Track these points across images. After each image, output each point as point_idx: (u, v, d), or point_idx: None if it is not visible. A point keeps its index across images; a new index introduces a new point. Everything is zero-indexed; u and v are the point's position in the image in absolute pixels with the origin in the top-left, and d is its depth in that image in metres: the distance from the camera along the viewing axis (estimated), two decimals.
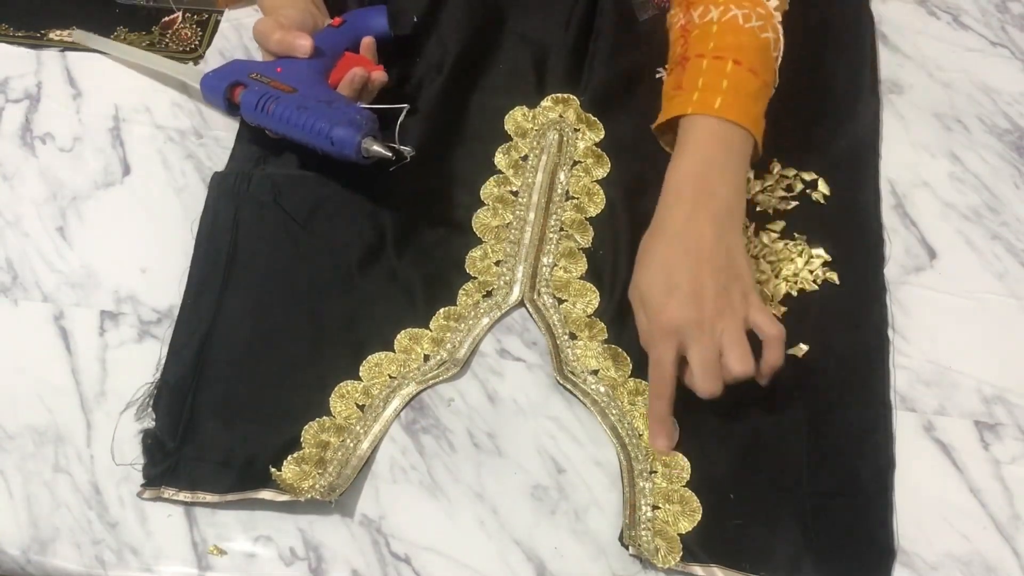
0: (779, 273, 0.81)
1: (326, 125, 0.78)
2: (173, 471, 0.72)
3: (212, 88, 0.86)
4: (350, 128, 0.78)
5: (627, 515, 0.70)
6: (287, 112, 0.80)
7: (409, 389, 0.76)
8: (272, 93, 0.82)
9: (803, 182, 0.86)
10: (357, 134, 0.77)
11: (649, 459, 0.73)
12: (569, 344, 0.78)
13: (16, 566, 0.70)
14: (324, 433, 0.74)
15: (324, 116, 0.79)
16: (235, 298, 0.80)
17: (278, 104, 0.81)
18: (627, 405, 0.75)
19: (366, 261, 0.82)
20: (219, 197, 0.85)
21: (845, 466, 0.72)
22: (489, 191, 0.86)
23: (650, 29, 0.93)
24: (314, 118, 0.79)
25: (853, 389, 0.76)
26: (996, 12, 1.00)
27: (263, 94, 0.82)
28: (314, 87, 0.83)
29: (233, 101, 0.85)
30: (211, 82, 0.86)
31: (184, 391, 0.75)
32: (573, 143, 0.88)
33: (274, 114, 0.81)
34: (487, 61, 0.94)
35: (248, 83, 0.84)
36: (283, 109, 0.81)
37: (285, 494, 0.70)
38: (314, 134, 0.79)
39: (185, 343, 0.78)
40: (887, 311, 0.80)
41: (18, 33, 0.98)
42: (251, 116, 0.83)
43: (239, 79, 0.85)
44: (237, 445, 0.73)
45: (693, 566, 0.68)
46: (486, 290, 0.81)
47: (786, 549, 0.69)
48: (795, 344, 0.77)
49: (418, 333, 0.79)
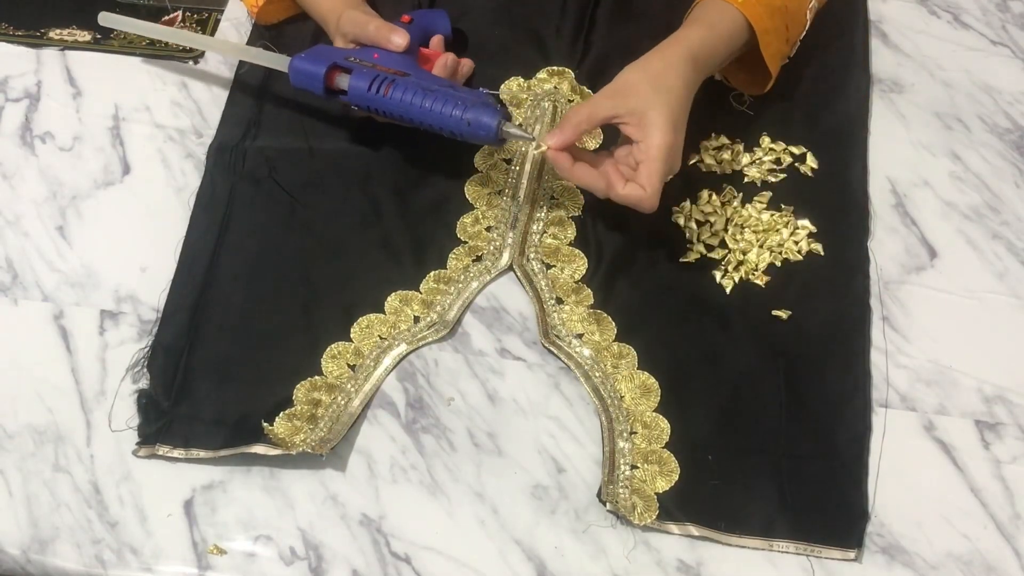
0: (764, 243, 0.83)
1: (460, 108, 0.77)
2: (168, 429, 0.74)
3: (307, 72, 0.82)
4: (487, 110, 0.77)
5: (606, 473, 0.71)
6: (410, 95, 0.78)
7: (399, 349, 0.78)
8: (386, 76, 0.80)
9: (792, 155, 0.87)
10: (496, 116, 0.76)
11: (630, 421, 0.74)
12: (556, 308, 0.79)
13: (16, 565, 0.70)
14: (316, 391, 0.76)
15: (454, 99, 0.78)
16: (228, 262, 0.82)
17: (396, 87, 0.79)
18: (610, 368, 0.76)
19: (358, 227, 0.84)
20: (216, 171, 0.87)
21: (822, 430, 0.74)
22: (482, 159, 0.88)
23: (646, 4, 0.95)
24: (443, 101, 0.78)
25: (833, 356, 0.77)
26: (997, 11, 0.99)
27: (375, 76, 0.80)
28: (421, 72, 0.82)
29: (331, 85, 0.82)
30: (304, 65, 0.82)
31: (178, 352, 0.77)
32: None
33: (393, 97, 0.79)
34: (485, 32, 0.95)
35: (352, 66, 0.82)
36: (403, 92, 0.79)
37: (277, 448, 0.71)
38: (445, 117, 0.77)
39: (179, 306, 0.80)
40: (870, 282, 0.81)
41: (18, 32, 0.98)
42: (362, 99, 0.80)
43: (338, 62, 0.82)
44: (230, 404, 0.75)
45: (669, 524, 0.70)
46: (476, 255, 0.83)
47: (762, 510, 0.71)
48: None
49: (408, 295, 0.81)
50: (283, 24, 0.97)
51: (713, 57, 0.80)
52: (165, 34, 0.92)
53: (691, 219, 0.84)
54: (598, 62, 0.93)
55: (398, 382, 0.77)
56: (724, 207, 0.85)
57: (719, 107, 0.90)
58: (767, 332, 0.78)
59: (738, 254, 0.82)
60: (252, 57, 0.89)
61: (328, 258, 0.82)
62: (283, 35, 0.96)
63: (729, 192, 0.85)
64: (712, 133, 0.88)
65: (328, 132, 0.90)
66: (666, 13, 0.87)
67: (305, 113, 0.90)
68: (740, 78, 0.89)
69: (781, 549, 0.69)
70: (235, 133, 0.89)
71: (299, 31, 0.96)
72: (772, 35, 0.82)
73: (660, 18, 0.87)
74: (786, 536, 0.70)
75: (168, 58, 0.95)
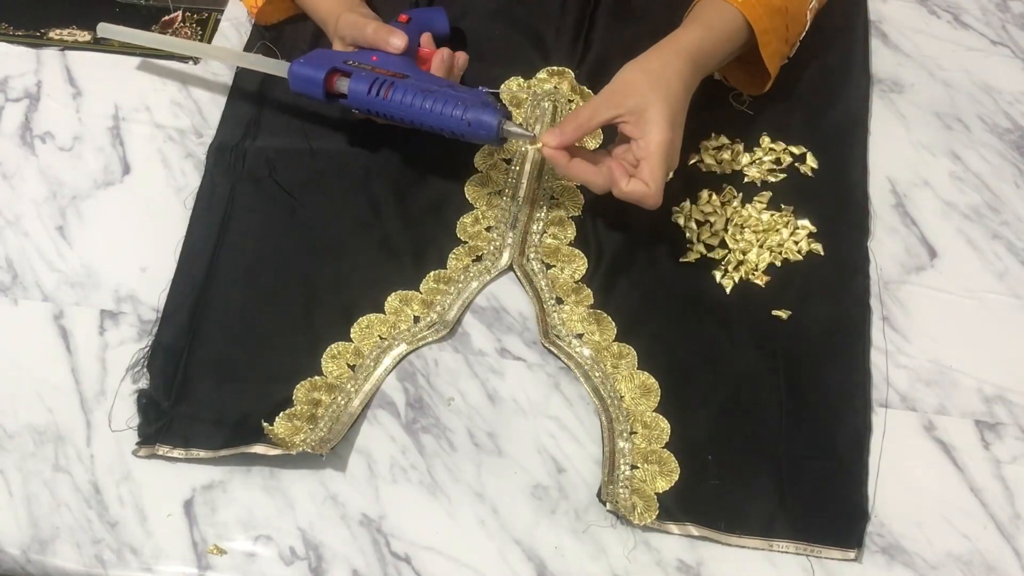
0: (764, 243, 0.83)
1: (460, 108, 0.77)
2: (167, 429, 0.74)
3: (306, 77, 0.82)
4: (487, 109, 0.76)
5: (606, 473, 0.71)
6: (409, 97, 0.78)
7: (399, 349, 0.78)
8: (385, 79, 0.80)
9: (792, 155, 0.88)
10: (496, 116, 0.76)
11: (629, 420, 0.74)
12: (556, 308, 0.80)
13: (16, 565, 0.70)
14: (316, 391, 0.76)
15: (454, 100, 0.77)
16: (228, 262, 0.82)
17: (396, 89, 0.79)
18: (610, 368, 0.77)
19: (358, 227, 0.84)
20: (216, 171, 0.87)
21: (822, 430, 0.74)
22: (482, 159, 0.88)
23: (646, 4, 0.95)
24: (442, 102, 0.77)
25: (833, 356, 0.77)
26: (997, 11, 0.99)
27: (375, 80, 0.80)
28: (420, 73, 0.82)
29: (331, 89, 0.82)
30: (304, 71, 0.82)
31: (178, 352, 0.77)
32: (566, 113, 0.90)
33: (392, 99, 0.79)
34: (485, 32, 0.95)
35: (351, 70, 0.81)
36: (403, 94, 0.78)
37: (277, 448, 0.71)
38: (445, 117, 0.77)
39: (179, 306, 0.80)
40: (870, 282, 0.81)
41: (18, 32, 0.98)
42: (362, 102, 0.80)
43: (337, 66, 0.82)
44: (230, 404, 0.75)
45: (669, 524, 0.70)
46: (476, 255, 0.83)
47: (762, 509, 0.71)
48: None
49: (408, 295, 0.81)
50: (283, 24, 0.97)
51: (712, 56, 0.80)
52: (164, 43, 0.92)
53: (691, 219, 0.84)
54: (598, 62, 0.93)
55: (398, 382, 0.77)
56: (724, 207, 0.85)
57: (719, 107, 0.90)
58: (767, 332, 0.78)
59: (738, 254, 0.82)
60: (251, 63, 0.89)
61: (328, 258, 0.82)
62: (283, 35, 0.96)
63: (729, 192, 0.85)
64: (712, 133, 0.88)
65: (328, 132, 0.90)
66: (666, 13, 0.87)
67: (305, 113, 0.90)
68: (739, 77, 0.89)
69: (781, 549, 0.69)
70: (235, 133, 0.89)
71: (299, 31, 0.96)
72: (771, 35, 0.82)
73: (660, 18, 0.87)
74: (786, 536, 0.70)
75: (168, 58, 0.95)
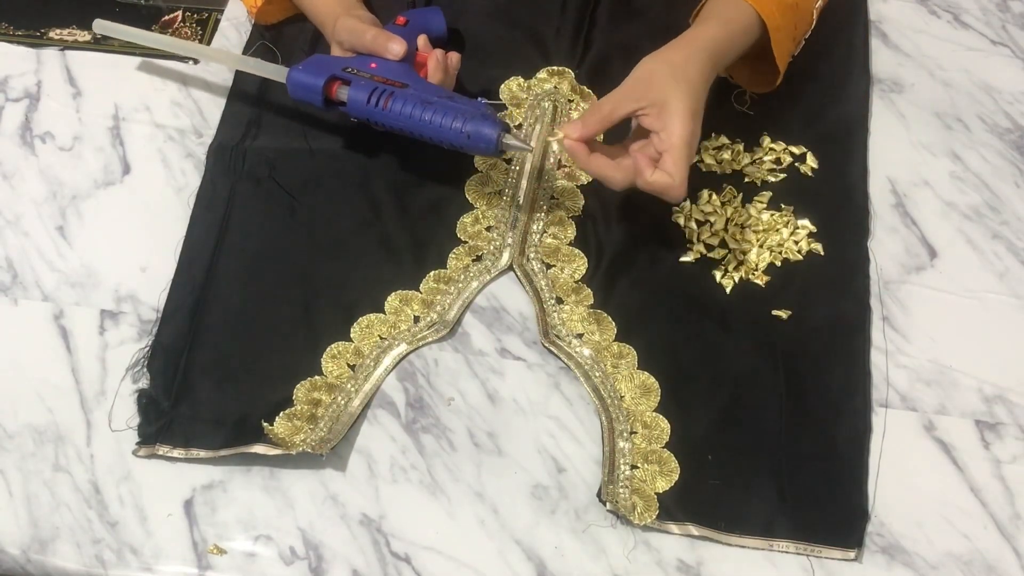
0: (765, 243, 0.83)
1: (460, 120, 0.77)
2: (167, 429, 0.74)
3: (305, 84, 0.81)
4: (487, 122, 0.76)
5: (606, 472, 0.71)
6: (409, 107, 0.78)
7: (400, 349, 0.78)
8: (385, 88, 0.79)
9: (792, 155, 0.88)
10: (496, 129, 0.76)
11: (630, 420, 0.74)
12: (556, 308, 0.80)
13: (16, 565, 0.70)
14: (316, 391, 0.76)
15: (453, 112, 0.77)
16: (228, 262, 0.82)
17: (395, 99, 0.78)
18: (610, 368, 0.77)
19: (358, 227, 0.84)
20: (216, 171, 0.87)
21: (822, 430, 0.74)
22: (482, 159, 0.88)
23: (646, 3, 0.95)
24: (442, 113, 0.77)
25: (833, 356, 0.77)
26: (997, 11, 0.99)
27: (374, 89, 0.79)
28: (419, 82, 0.82)
29: (331, 97, 0.82)
30: (303, 78, 0.81)
31: (178, 352, 0.77)
32: (566, 113, 0.91)
33: (392, 109, 0.78)
34: (484, 32, 0.95)
35: (350, 78, 0.81)
36: (403, 105, 0.78)
37: (277, 448, 0.71)
38: (445, 129, 0.77)
39: (179, 305, 0.80)
40: (870, 282, 0.81)
41: (18, 32, 0.98)
42: (361, 111, 0.80)
43: (336, 74, 0.82)
44: (230, 404, 0.75)
45: (669, 524, 0.70)
46: (476, 254, 0.83)
47: (762, 509, 0.71)
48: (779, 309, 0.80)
49: (408, 295, 0.81)
50: (283, 24, 0.97)
51: (727, 53, 0.80)
52: (161, 43, 0.92)
53: (691, 219, 0.84)
54: (598, 62, 0.93)
55: (398, 382, 0.77)
56: (724, 207, 0.85)
57: (719, 107, 0.90)
58: (767, 332, 0.78)
59: (738, 254, 0.82)
60: (250, 68, 0.89)
61: (328, 258, 0.82)
62: (283, 35, 0.96)
63: (729, 192, 0.85)
64: (712, 133, 0.88)
65: (328, 132, 0.90)
66: (666, 13, 0.87)
67: (305, 113, 0.90)
68: (744, 75, 0.89)
69: (781, 549, 0.69)
70: (235, 133, 0.89)
71: (299, 32, 0.96)
72: (783, 33, 0.82)
73: (660, 18, 0.87)
74: (786, 536, 0.70)
75: (168, 58, 0.95)
